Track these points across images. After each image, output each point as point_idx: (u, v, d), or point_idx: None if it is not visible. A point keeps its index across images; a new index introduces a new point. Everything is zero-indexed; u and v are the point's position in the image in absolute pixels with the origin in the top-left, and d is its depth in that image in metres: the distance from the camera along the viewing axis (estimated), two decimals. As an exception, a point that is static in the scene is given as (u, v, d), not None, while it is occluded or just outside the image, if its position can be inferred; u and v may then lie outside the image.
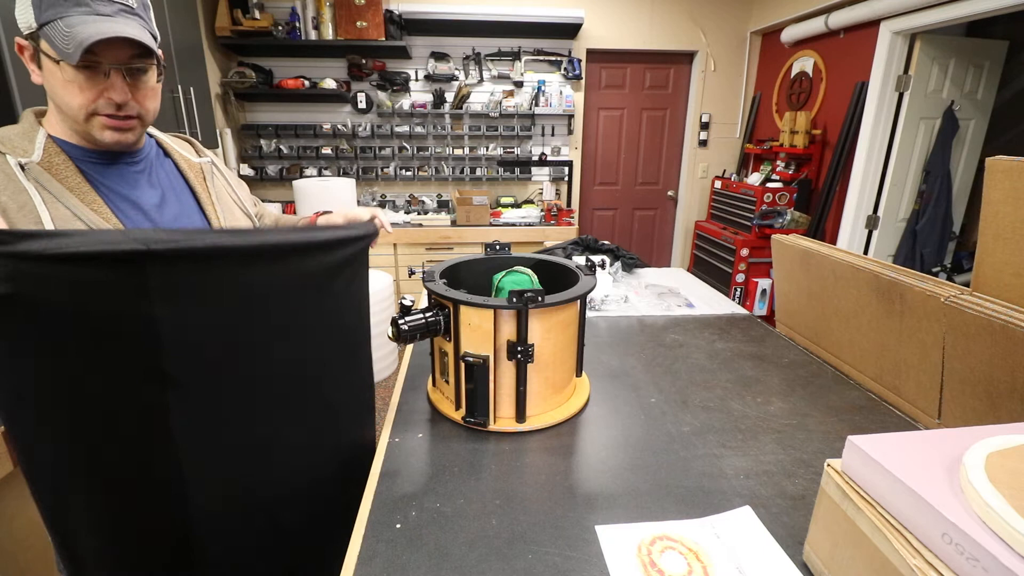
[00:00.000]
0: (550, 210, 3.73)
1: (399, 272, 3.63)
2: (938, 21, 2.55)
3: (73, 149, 0.76)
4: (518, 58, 3.75)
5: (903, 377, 1.04)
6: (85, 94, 0.71)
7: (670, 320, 1.54)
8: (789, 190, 3.34)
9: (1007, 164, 0.83)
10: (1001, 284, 0.86)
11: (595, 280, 1.02)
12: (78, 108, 0.72)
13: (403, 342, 0.92)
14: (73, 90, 0.70)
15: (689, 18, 3.84)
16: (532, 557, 0.67)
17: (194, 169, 0.91)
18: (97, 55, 0.68)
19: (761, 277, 3.48)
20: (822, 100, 3.35)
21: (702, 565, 0.66)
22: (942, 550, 0.47)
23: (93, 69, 0.70)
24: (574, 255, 2.03)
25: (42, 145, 0.73)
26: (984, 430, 0.59)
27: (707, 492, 0.80)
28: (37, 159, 0.72)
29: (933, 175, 3.01)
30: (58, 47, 0.66)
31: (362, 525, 0.73)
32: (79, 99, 0.71)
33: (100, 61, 0.69)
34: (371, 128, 3.78)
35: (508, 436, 0.95)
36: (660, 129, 4.20)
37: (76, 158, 0.76)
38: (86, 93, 0.71)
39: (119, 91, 0.72)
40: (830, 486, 0.60)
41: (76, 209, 0.72)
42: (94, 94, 0.71)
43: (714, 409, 1.04)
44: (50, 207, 0.70)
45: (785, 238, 1.39)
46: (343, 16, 3.29)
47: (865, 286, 1.10)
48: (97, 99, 0.71)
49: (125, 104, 0.73)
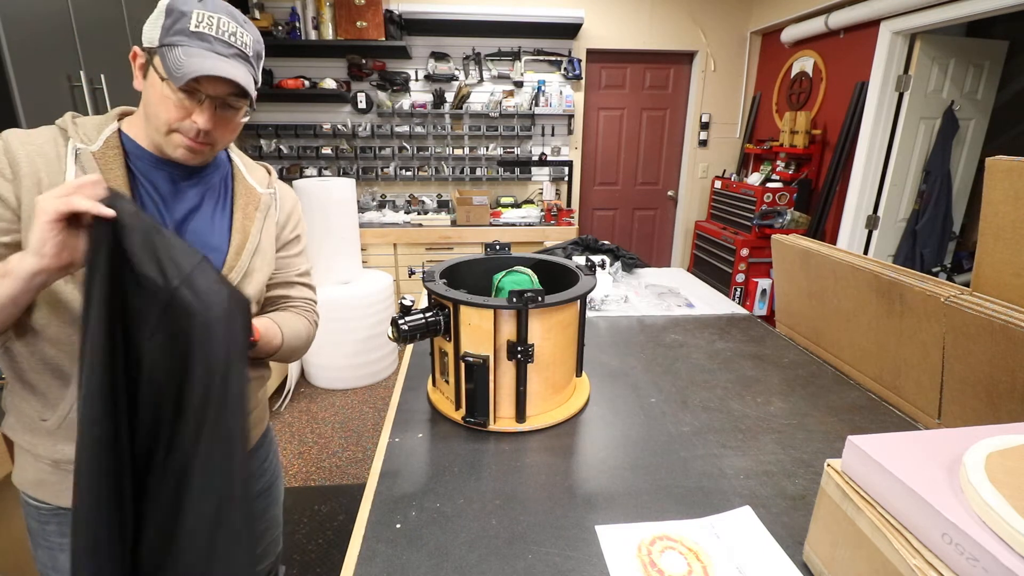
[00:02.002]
0: (550, 210, 3.73)
1: (399, 272, 3.63)
2: (938, 21, 2.55)
3: (136, 147, 0.80)
4: (518, 58, 3.75)
5: (903, 377, 1.04)
6: (176, 112, 0.75)
7: (670, 320, 1.54)
8: (789, 190, 3.34)
9: (1007, 164, 0.83)
10: (1001, 284, 0.86)
11: (595, 280, 1.02)
12: (164, 122, 0.75)
13: (403, 342, 0.92)
14: (168, 106, 0.74)
15: (689, 18, 3.84)
16: (532, 557, 0.67)
17: (251, 195, 0.91)
18: (200, 85, 0.73)
19: (761, 277, 3.48)
20: (822, 100, 3.35)
21: (702, 565, 0.66)
22: (942, 550, 0.47)
23: (192, 95, 0.74)
24: (574, 255, 2.03)
25: (105, 137, 0.77)
26: (984, 430, 0.59)
27: (707, 492, 0.80)
28: (95, 148, 0.76)
29: (933, 175, 3.01)
30: (169, 69, 0.71)
31: (362, 525, 0.73)
32: (169, 115, 0.74)
33: (200, 90, 0.74)
34: (371, 128, 3.78)
35: (508, 436, 0.95)
36: (660, 129, 4.20)
37: (132, 153, 0.79)
38: (177, 111, 0.75)
39: (206, 119, 0.76)
40: (830, 486, 0.60)
41: None
42: (183, 114, 0.75)
43: (714, 409, 1.04)
44: None
45: (785, 238, 1.39)
46: (343, 16, 3.29)
47: (865, 286, 1.10)
48: (184, 119, 0.75)
49: (207, 132, 0.77)
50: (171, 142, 0.77)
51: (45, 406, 0.78)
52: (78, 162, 0.74)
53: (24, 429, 0.80)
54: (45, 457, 0.80)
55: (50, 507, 0.84)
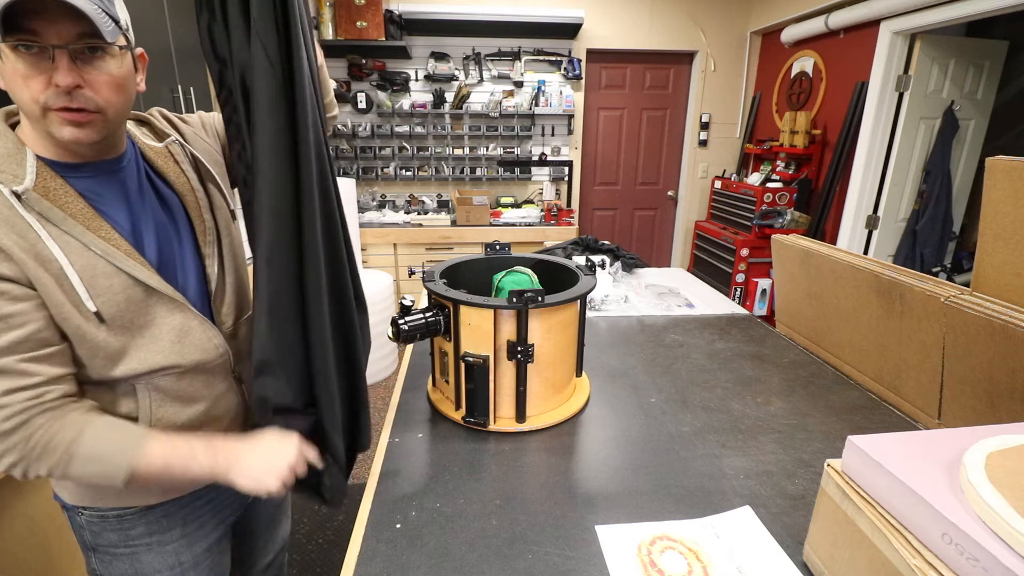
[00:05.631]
0: (550, 210, 3.73)
1: (399, 272, 3.63)
2: (938, 21, 2.55)
3: (61, 168, 0.69)
4: (518, 58, 3.75)
5: (903, 377, 1.04)
6: (31, 84, 0.62)
7: (670, 320, 1.54)
8: (789, 190, 3.34)
9: (1007, 164, 0.83)
10: (1001, 284, 0.86)
11: (595, 280, 1.02)
12: (30, 102, 0.63)
13: (403, 342, 0.92)
14: (17, 80, 0.62)
15: (689, 18, 3.84)
16: (532, 557, 0.67)
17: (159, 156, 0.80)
18: (37, 33, 0.60)
19: (761, 277, 3.48)
20: (822, 100, 3.35)
21: (702, 565, 0.66)
22: (942, 550, 0.47)
23: (37, 54, 0.61)
24: (574, 255, 2.03)
25: (34, 168, 0.66)
26: (984, 430, 0.59)
27: (707, 492, 0.80)
28: (31, 184, 0.64)
29: (933, 175, 3.00)
30: None
31: (362, 525, 0.73)
32: (27, 91, 0.62)
33: (40, 41, 0.61)
34: (371, 128, 3.78)
35: (508, 436, 0.95)
36: (660, 129, 4.20)
37: (68, 177, 0.69)
38: (32, 83, 0.62)
39: (63, 73, 0.62)
40: (830, 486, 0.60)
41: (84, 238, 0.67)
42: (41, 83, 0.62)
43: (714, 409, 1.04)
44: (57, 240, 0.65)
45: (785, 238, 1.39)
46: (343, 16, 3.29)
47: (865, 286, 1.10)
48: (46, 89, 0.62)
49: (73, 91, 0.63)
50: (52, 124, 0.64)
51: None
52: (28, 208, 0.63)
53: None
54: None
55: (136, 509, 0.82)
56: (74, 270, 0.66)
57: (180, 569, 0.87)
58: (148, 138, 0.82)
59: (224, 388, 0.85)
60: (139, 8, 2.22)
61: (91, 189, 0.71)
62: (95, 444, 0.66)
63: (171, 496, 0.84)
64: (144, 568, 0.85)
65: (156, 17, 2.36)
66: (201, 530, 0.89)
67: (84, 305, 0.67)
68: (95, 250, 0.68)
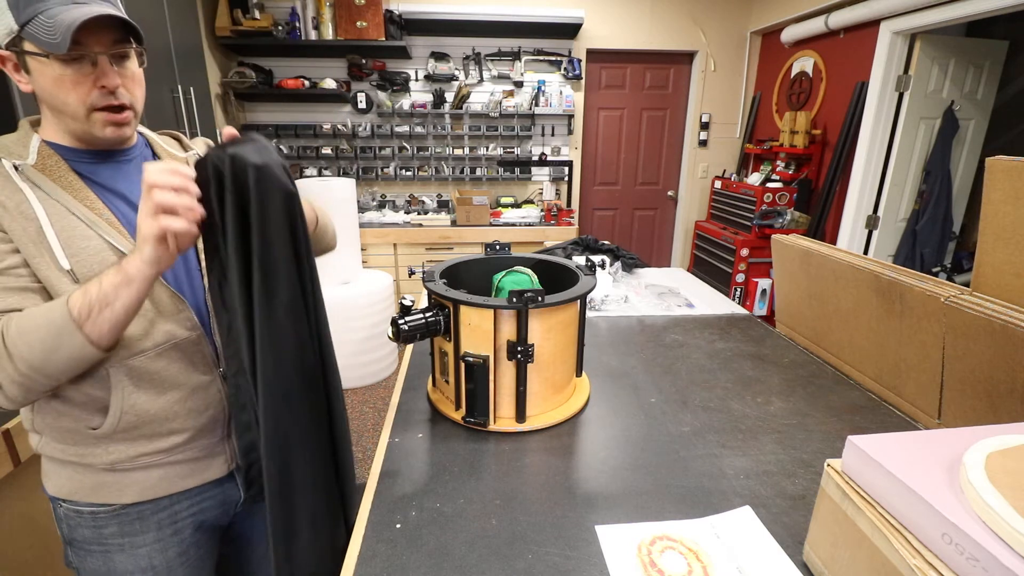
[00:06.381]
0: (550, 210, 3.73)
1: (399, 272, 3.63)
2: (938, 21, 2.55)
3: (66, 151, 0.78)
4: (518, 58, 3.75)
5: (903, 377, 1.04)
6: (79, 88, 0.71)
7: (670, 320, 1.54)
8: (789, 190, 3.34)
9: (1007, 164, 0.83)
10: (1001, 284, 0.86)
11: (595, 280, 1.02)
12: (77, 104, 0.72)
13: (403, 342, 0.92)
14: (66, 86, 0.71)
15: (689, 18, 3.84)
16: (532, 557, 0.67)
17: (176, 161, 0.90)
18: (83, 44, 0.69)
19: (761, 277, 3.48)
20: (822, 100, 3.35)
21: (702, 565, 0.66)
22: (942, 550, 0.47)
23: (80, 61, 0.70)
24: (574, 255, 2.03)
25: (36, 149, 0.75)
26: (984, 430, 0.58)
27: (707, 492, 0.80)
28: (31, 162, 0.73)
29: (933, 175, 3.01)
30: (44, 40, 0.67)
31: (362, 525, 0.73)
32: (74, 95, 0.72)
33: (85, 53, 0.70)
34: (371, 128, 3.78)
35: (508, 436, 0.95)
36: (660, 129, 4.20)
37: (69, 159, 0.77)
38: (80, 87, 0.71)
39: (110, 76, 0.72)
40: (830, 486, 0.60)
41: (69, 204, 0.74)
42: (87, 87, 0.72)
43: (714, 409, 1.04)
44: (44, 204, 0.72)
45: (785, 238, 1.39)
46: (343, 16, 3.30)
47: (865, 286, 1.10)
48: (92, 91, 0.72)
49: (118, 90, 0.74)
50: (95, 124, 0.75)
51: (92, 414, 0.78)
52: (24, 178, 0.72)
53: (69, 443, 0.79)
54: (99, 464, 0.80)
55: (111, 508, 0.83)
56: (53, 231, 0.71)
57: (152, 573, 0.87)
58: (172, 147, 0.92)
59: (206, 380, 0.85)
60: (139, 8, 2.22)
61: (90, 170, 0.79)
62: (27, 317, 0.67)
63: (147, 497, 0.85)
64: (116, 567, 0.86)
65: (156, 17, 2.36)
66: (176, 536, 0.89)
67: (59, 263, 0.71)
68: (76, 214, 0.74)
